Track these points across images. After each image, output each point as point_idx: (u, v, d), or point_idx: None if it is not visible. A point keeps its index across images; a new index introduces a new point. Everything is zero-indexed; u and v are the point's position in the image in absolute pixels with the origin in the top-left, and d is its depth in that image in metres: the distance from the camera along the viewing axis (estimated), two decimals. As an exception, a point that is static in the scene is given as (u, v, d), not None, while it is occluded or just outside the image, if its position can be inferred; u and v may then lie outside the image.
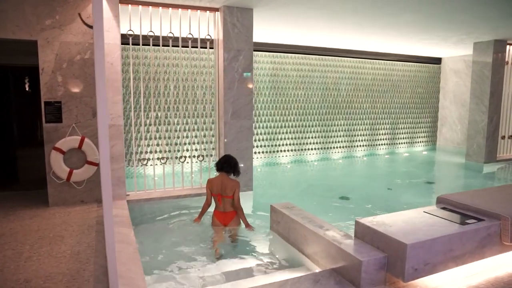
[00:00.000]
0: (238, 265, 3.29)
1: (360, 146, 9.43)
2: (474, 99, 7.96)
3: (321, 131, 8.81)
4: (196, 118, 7.02)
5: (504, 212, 2.89)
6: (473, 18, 5.61)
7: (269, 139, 8.22)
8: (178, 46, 4.85)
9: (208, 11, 4.92)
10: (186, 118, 7.05)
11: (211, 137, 5.94)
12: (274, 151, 8.31)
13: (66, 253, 3.18)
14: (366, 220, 2.89)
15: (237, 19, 4.92)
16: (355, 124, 9.25)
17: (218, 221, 3.91)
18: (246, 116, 5.11)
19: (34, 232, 3.66)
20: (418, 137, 10.37)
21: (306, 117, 8.56)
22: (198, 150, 5.30)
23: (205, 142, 5.48)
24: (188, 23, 4.86)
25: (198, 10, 4.85)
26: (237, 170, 3.96)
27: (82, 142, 4.52)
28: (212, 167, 6.11)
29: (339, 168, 8.27)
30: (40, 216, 4.16)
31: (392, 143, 9.94)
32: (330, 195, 5.83)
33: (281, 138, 8.36)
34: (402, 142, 10.10)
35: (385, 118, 9.70)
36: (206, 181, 4.16)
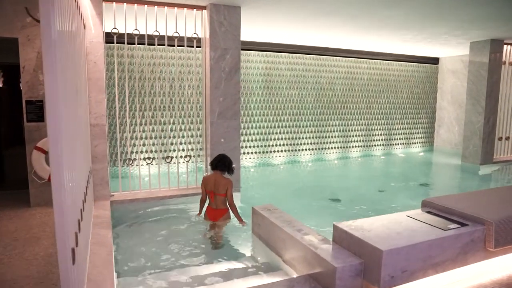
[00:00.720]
0: (217, 268, 3.22)
1: (355, 147, 9.31)
2: (470, 100, 7.84)
3: (315, 132, 8.69)
4: (183, 118, 6.93)
5: (488, 216, 2.78)
6: (469, 17, 5.50)
7: (262, 140, 8.12)
8: (164, 45, 4.77)
9: (194, 9, 4.84)
10: (173, 118, 6.95)
11: (199, 137, 5.86)
12: (267, 152, 8.20)
13: (39, 255, 3.11)
14: (344, 224, 2.80)
15: (224, 17, 4.83)
16: (350, 124, 9.13)
17: (208, 217, 4.04)
18: (233, 116, 5.02)
19: (10, 233, 3.59)
20: (415, 138, 10.24)
21: (300, 117, 8.45)
22: (185, 150, 5.21)
23: (192, 142, 5.40)
24: (174, 22, 4.78)
25: (185, 8, 4.76)
26: (231, 169, 4.06)
27: (64, 141, 4.45)
28: (199, 168, 6.02)
29: (333, 169, 8.16)
30: (19, 216, 4.09)
31: (388, 144, 9.81)
32: (320, 197, 5.73)
33: (274, 139, 8.25)
34: (398, 143, 9.97)
35: (381, 119, 9.57)
36: (193, 182, 4.35)
